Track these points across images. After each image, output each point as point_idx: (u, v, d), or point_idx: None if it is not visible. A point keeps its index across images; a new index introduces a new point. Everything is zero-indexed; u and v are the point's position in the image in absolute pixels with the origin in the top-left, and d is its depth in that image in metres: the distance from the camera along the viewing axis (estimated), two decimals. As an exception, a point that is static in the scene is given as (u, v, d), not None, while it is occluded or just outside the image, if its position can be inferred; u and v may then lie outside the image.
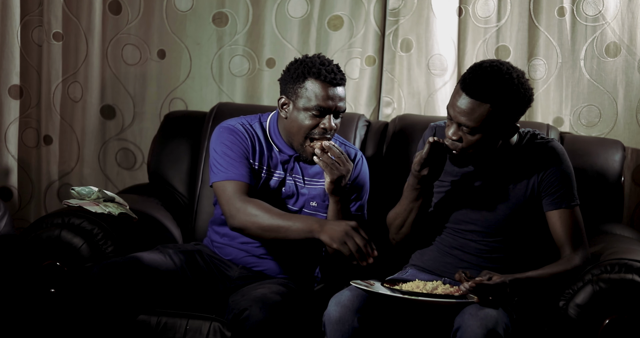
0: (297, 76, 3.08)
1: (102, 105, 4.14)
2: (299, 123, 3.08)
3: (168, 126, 3.76)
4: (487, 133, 2.80)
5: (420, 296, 2.71)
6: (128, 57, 4.10)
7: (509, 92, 2.76)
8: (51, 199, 4.21)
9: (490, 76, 2.75)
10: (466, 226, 2.99)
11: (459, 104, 2.78)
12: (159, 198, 3.58)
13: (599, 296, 2.77)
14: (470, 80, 2.77)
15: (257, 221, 2.97)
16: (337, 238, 2.85)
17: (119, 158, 4.18)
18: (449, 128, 2.84)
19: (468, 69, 2.83)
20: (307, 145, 3.09)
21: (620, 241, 3.18)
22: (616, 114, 3.77)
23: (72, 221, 3.07)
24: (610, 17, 3.71)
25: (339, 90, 3.07)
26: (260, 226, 2.97)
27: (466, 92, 2.76)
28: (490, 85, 2.74)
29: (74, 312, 2.89)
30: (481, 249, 2.98)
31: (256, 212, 2.98)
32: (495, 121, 2.78)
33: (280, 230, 2.96)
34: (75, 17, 4.08)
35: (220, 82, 4.06)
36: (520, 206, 2.94)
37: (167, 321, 2.96)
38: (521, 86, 2.79)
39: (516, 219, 2.95)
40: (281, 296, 2.88)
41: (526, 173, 2.93)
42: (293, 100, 3.08)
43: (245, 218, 2.99)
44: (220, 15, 4.02)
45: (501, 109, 2.76)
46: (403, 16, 3.86)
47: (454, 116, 2.80)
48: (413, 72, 3.91)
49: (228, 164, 3.08)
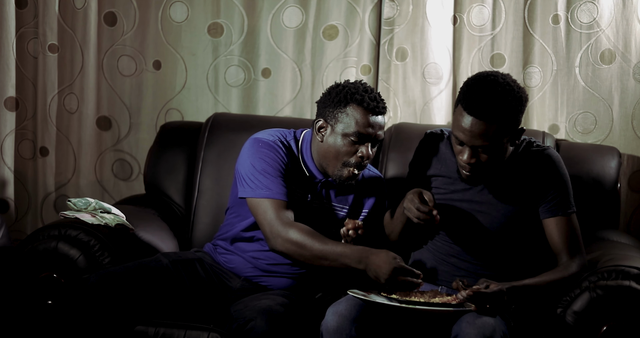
0: (338, 100, 3.03)
1: (98, 116, 4.14)
2: (336, 148, 3.03)
3: (164, 137, 3.76)
4: (501, 145, 2.81)
5: (417, 305, 2.71)
6: (124, 68, 4.10)
7: (512, 104, 2.76)
8: (48, 211, 4.20)
9: (493, 94, 2.74)
10: (463, 235, 2.99)
11: (470, 128, 2.76)
12: (155, 208, 3.57)
13: (597, 303, 2.77)
14: (473, 101, 2.75)
15: (302, 249, 2.94)
16: (383, 277, 2.81)
17: (115, 168, 4.17)
18: (462, 153, 2.83)
19: (464, 87, 2.81)
20: (344, 170, 3.05)
21: (617, 248, 3.18)
22: (612, 121, 3.76)
23: (69, 232, 3.06)
24: (604, 24, 3.71)
25: (380, 119, 3.03)
26: (304, 255, 2.95)
27: (474, 115, 2.75)
28: (496, 103, 2.74)
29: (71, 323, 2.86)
30: (478, 257, 2.98)
31: (301, 238, 2.94)
32: (506, 132, 2.79)
33: (325, 262, 2.94)
34: (71, 29, 4.08)
35: (216, 92, 4.06)
36: (517, 214, 2.94)
37: (165, 331, 2.94)
38: (519, 90, 2.80)
39: (512, 227, 2.95)
40: (285, 308, 2.87)
41: (522, 181, 2.93)
42: (332, 124, 3.04)
43: (287, 244, 2.95)
44: (216, 26, 4.02)
45: (510, 120, 2.77)
46: (398, 25, 3.87)
47: (468, 140, 2.78)
48: (408, 81, 3.91)
49: (269, 182, 3.03)
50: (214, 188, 3.61)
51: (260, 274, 3.15)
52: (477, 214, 2.96)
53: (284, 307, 2.87)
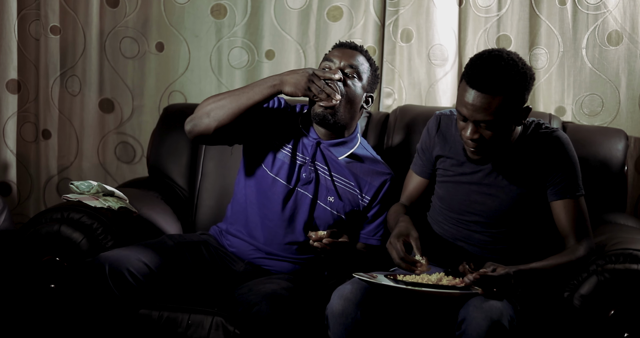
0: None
1: (100, 99, 4.13)
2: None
3: (167, 119, 3.74)
4: (505, 122, 2.77)
5: (424, 287, 2.69)
6: (126, 50, 4.09)
7: (516, 78, 2.72)
8: (50, 194, 4.20)
9: (496, 67, 2.71)
10: (470, 217, 2.97)
11: (472, 102, 2.72)
12: (158, 191, 3.56)
13: (604, 286, 2.76)
14: (476, 75, 2.72)
15: (208, 101, 3.04)
16: (300, 86, 2.94)
17: (118, 151, 4.17)
18: (465, 129, 2.79)
19: (468, 63, 2.79)
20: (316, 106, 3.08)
21: (625, 231, 3.16)
22: (618, 103, 3.75)
23: (72, 216, 3.06)
24: (612, 5, 3.69)
25: (349, 49, 3.11)
26: (215, 102, 3.02)
27: (477, 88, 2.71)
28: (498, 76, 2.70)
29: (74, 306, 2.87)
30: (485, 240, 2.97)
31: (209, 97, 3.06)
32: (510, 108, 2.74)
33: (242, 93, 3.01)
34: (73, 11, 4.07)
35: (219, 74, 4.05)
36: (524, 197, 2.92)
37: (169, 315, 2.94)
38: (523, 66, 2.76)
39: (520, 209, 2.93)
40: (289, 292, 2.87)
41: (530, 163, 2.91)
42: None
43: (203, 104, 3.05)
44: (219, 7, 4.00)
45: (513, 95, 2.73)
46: (403, 6, 3.84)
47: (470, 115, 2.75)
48: (414, 63, 3.89)
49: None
50: (217, 170, 3.60)
51: (262, 256, 3.14)
52: (485, 197, 2.94)
53: (289, 292, 2.86)
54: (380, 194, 3.17)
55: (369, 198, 3.16)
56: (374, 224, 3.19)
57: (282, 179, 3.12)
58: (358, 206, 3.16)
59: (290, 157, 3.14)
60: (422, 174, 3.11)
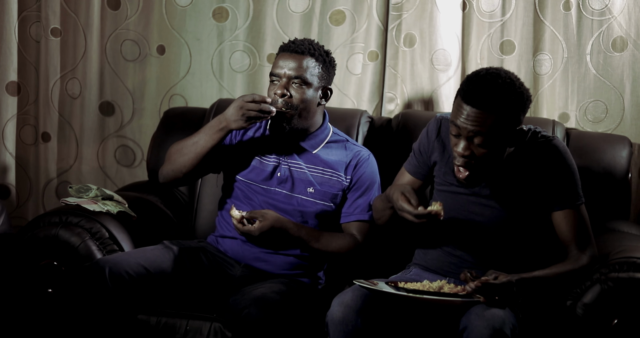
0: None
1: (100, 101, 4.12)
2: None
3: (168, 123, 3.73)
4: (498, 142, 2.75)
5: (425, 294, 2.67)
6: (127, 53, 4.07)
7: (512, 97, 2.71)
8: (49, 198, 4.19)
9: (492, 84, 2.70)
10: (468, 227, 2.95)
11: (466, 118, 2.71)
12: (158, 196, 3.55)
13: (608, 295, 2.74)
14: (472, 91, 2.70)
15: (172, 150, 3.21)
16: (240, 119, 3.05)
17: (118, 155, 4.15)
18: (457, 145, 2.77)
19: (465, 80, 2.78)
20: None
21: (628, 239, 3.14)
22: (623, 109, 3.73)
23: (70, 219, 3.05)
24: (616, 11, 3.67)
25: (294, 57, 3.15)
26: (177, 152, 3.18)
27: (471, 104, 2.70)
28: (494, 94, 2.68)
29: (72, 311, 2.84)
30: (484, 250, 2.94)
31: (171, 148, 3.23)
32: (503, 128, 2.73)
33: (198, 141, 3.13)
34: (74, 13, 4.06)
35: (220, 78, 4.03)
36: (524, 207, 2.90)
37: (167, 321, 2.94)
38: (521, 87, 2.74)
39: (519, 219, 2.91)
40: (281, 295, 2.86)
41: (529, 173, 2.88)
42: None
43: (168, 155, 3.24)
44: (221, 10, 3.98)
45: (507, 115, 2.71)
46: (406, 10, 3.82)
47: (463, 129, 2.73)
48: (416, 68, 3.87)
49: None
50: (217, 175, 3.57)
51: (256, 254, 3.15)
52: (483, 207, 2.92)
53: (280, 295, 2.86)
54: (359, 170, 3.22)
55: (350, 177, 3.20)
56: (360, 200, 3.20)
57: (261, 184, 3.18)
58: (341, 189, 3.20)
59: (264, 161, 3.20)
60: (415, 174, 3.09)
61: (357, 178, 3.21)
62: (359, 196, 3.21)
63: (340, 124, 3.47)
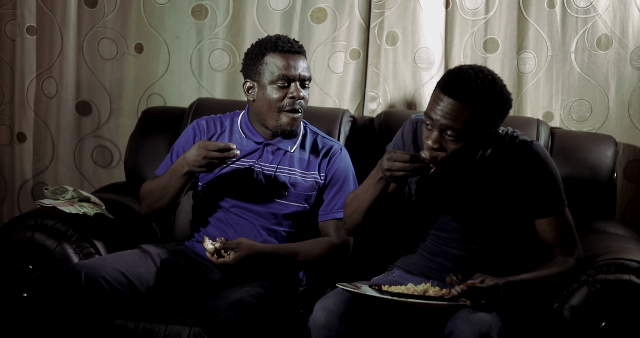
0: (255, 55, 3.15)
1: (77, 101, 4.08)
2: (268, 99, 3.11)
3: (146, 123, 3.70)
4: (470, 139, 2.68)
5: (410, 298, 2.64)
6: (104, 52, 4.03)
7: (491, 94, 2.65)
8: (25, 199, 4.15)
9: (473, 78, 2.65)
10: (448, 234, 2.92)
11: (442, 108, 2.65)
12: (136, 197, 3.47)
13: (595, 297, 2.72)
14: (451, 82, 2.65)
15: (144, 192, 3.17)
16: (198, 165, 2.97)
17: (95, 155, 4.11)
18: (428, 137, 2.71)
19: (446, 73, 2.73)
20: (282, 117, 3.10)
21: (614, 240, 3.12)
22: (607, 108, 3.71)
23: (46, 222, 3.01)
24: (601, 8, 3.65)
25: (299, 57, 3.14)
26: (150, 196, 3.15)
27: (448, 94, 2.64)
28: (473, 86, 2.63)
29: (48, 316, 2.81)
30: (462, 255, 2.91)
31: (142, 189, 3.20)
32: (478, 125, 2.66)
33: (168, 186, 3.08)
34: (50, 11, 4.02)
35: (199, 77, 3.99)
36: (504, 212, 2.85)
37: (145, 326, 2.90)
38: (503, 88, 2.70)
39: (499, 225, 2.87)
40: (259, 299, 2.82)
41: (509, 178, 2.82)
42: (257, 80, 3.14)
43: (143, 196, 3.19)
44: (200, 8, 3.95)
45: (484, 111, 2.65)
46: (389, 8, 3.79)
47: (436, 120, 2.66)
48: (399, 66, 3.84)
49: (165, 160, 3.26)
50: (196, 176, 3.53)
51: None
52: (462, 213, 2.88)
53: (258, 299, 2.82)
54: (333, 166, 3.20)
55: (324, 174, 3.18)
56: (337, 197, 3.18)
57: (234, 192, 3.14)
58: (316, 188, 3.17)
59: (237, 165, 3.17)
60: None
61: (332, 174, 3.19)
62: (335, 193, 3.18)
63: (321, 123, 3.45)
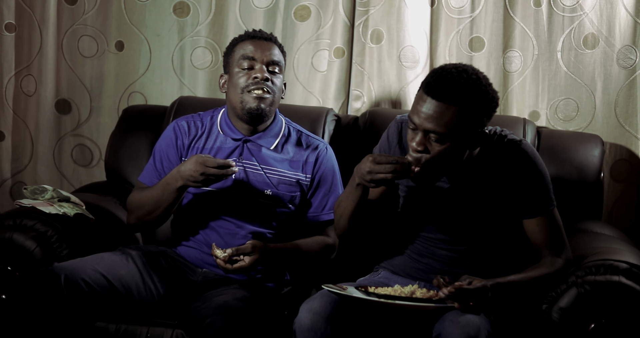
0: (227, 51, 3.19)
1: (57, 99, 4.04)
2: (234, 84, 3.11)
3: (127, 121, 3.67)
4: (455, 141, 2.64)
5: (397, 300, 2.60)
6: (84, 49, 4.00)
7: (476, 93, 2.62)
8: (3, 199, 4.11)
9: (456, 77, 2.61)
10: (435, 235, 2.89)
11: (425, 110, 2.61)
12: (117, 197, 3.47)
13: (584, 299, 2.70)
14: (434, 83, 2.62)
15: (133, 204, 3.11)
16: (194, 180, 2.91)
17: (75, 154, 4.07)
18: (413, 139, 2.67)
19: (430, 73, 2.69)
20: (245, 97, 3.08)
21: (602, 241, 3.11)
22: (594, 107, 3.70)
23: (25, 222, 2.97)
24: (588, 7, 3.65)
25: (268, 44, 3.13)
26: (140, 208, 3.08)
27: (432, 95, 2.61)
28: (457, 86, 2.60)
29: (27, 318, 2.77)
30: (450, 256, 2.89)
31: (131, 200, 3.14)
32: (463, 126, 2.63)
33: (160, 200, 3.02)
34: (29, 7, 3.99)
35: (181, 75, 3.96)
36: (492, 213, 2.82)
37: (127, 328, 2.88)
38: (488, 86, 2.66)
39: (487, 226, 2.84)
40: (244, 302, 2.79)
41: (497, 178, 2.79)
42: (229, 71, 3.16)
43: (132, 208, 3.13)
44: (182, 5, 3.92)
45: (469, 112, 2.62)
46: (373, 6, 3.78)
47: (420, 123, 2.63)
48: (384, 65, 3.82)
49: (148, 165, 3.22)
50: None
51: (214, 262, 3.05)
52: (449, 214, 2.85)
53: (243, 302, 2.79)
54: (320, 167, 3.17)
55: (310, 176, 3.15)
56: (326, 198, 3.17)
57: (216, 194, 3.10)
58: (301, 188, 3.14)
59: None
60: None
61: (320, 176, 3.16)
62: (324, 194, 3.16)
63: (305, 122, 3.42)
